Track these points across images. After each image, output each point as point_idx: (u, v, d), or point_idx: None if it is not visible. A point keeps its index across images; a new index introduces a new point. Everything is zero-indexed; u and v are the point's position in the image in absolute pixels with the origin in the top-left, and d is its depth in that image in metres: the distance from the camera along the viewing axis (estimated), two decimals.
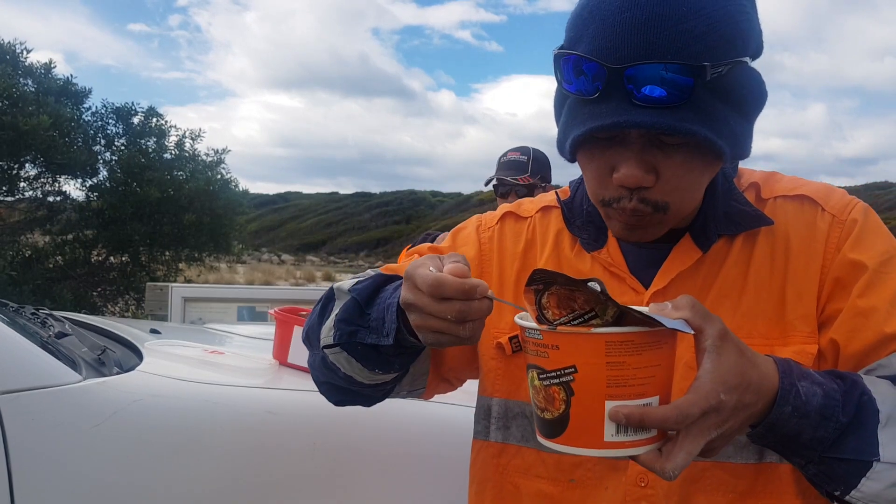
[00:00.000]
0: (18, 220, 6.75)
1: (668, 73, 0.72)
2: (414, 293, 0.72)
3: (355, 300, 0.85)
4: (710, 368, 0.67)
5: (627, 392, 0.65)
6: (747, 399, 0.69)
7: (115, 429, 1.34)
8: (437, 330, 0.71)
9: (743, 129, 0.79)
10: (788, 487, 0.84)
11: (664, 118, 0.73)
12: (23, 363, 1.35)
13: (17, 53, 6.15)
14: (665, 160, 0.77)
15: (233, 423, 1.45)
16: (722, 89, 0.75)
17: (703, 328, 0.68)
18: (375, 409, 1.65)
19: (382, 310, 0.81)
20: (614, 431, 0.66)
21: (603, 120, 0.75)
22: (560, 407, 0.67)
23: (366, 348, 0.83)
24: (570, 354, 0.66)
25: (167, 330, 2.26)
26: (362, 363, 0.85)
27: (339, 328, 0.85)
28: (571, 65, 0.77)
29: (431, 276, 0.70)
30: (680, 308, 0.68)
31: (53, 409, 1.31)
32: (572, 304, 0.68)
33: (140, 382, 1.47)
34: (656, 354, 0.66)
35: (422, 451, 1.58)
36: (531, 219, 0.99)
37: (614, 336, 0.65)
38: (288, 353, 1.80)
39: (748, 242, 0.87)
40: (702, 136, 0.73)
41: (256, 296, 3.81)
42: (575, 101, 0.79)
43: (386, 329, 0.80)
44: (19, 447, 1.26)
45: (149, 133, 6.73)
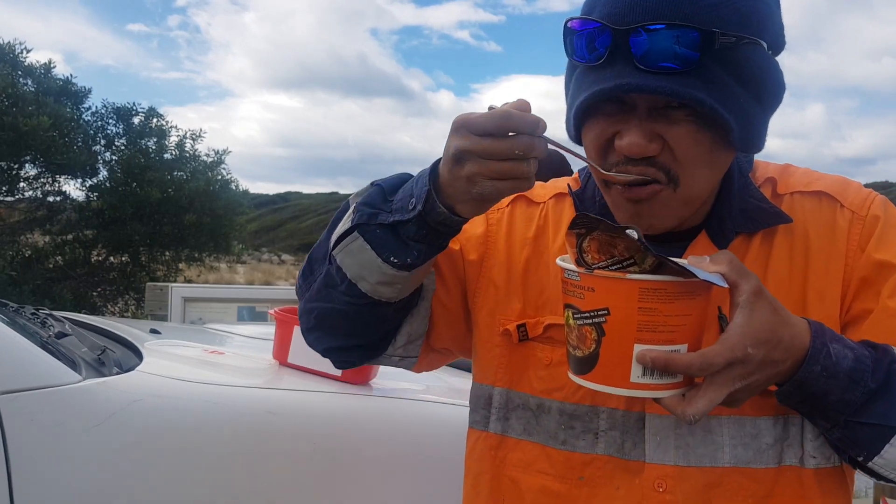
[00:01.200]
0: (18, 220, 6.75)
1: (675, 39, 0.71)
2: (469, 139, 0.70)
3: (380, 187, 0.82)
4: (741, 322, 0.68)
5: (657, 338, 0.68)
6: (776, 355, 0.69)
7: (114, 429, 1.34)
8: (498, 174, 0.70)
9: (755, 113, 0.77)
10: (809, 492, 0.82)
11: (669, 83, 0.72)
12: (23, 363, 1.34)
13: (16, 53, 6.15)
14: (670, 129, 0.75)
15: (233, 423, 1.45)
16: (733, 63, 0.73)
17: (739, 283, 0.69)
18: (375, 409, 1.65)
19: (410, 186, 0.78)
20: (640, 373, 0.68)
21: (604, 84, 0.73)
22: (591, 346, 0.70)
23: (385, 231, 0.79)
24: (604, 297, 0.68)
25: (167, 330, 2.26)
26: (378, 250, 0.79)
27: (359, 210, 0.81)
28: (578, 34, 0.77)
29: (498, 111, 0.69)
30: (717, 262, 0.69)
31: (53, 409, 1.31)
32: (612, 251, 0.70)
33: (140, 382, 1.47)
34: (688, 304, 0.68)
35: (421, 451, 1.58)
36: (544, 204, 0.95)
37: (648, 283, 0.67)
38: (288, 353, 1.80)
39: (766, 241, 0.85)
40: (707, 104, 0.72)
41: (256, 296, 3.80)
42: (581, 71, 0.78)
43: (413, 200, 0.76)
44: (19, 447, 1.26)
45: (149, 133, 6.73)
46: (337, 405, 1.61)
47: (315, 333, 0.93)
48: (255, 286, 10.15)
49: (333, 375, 1.73)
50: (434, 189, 0.75)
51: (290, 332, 1.80)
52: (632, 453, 0.83)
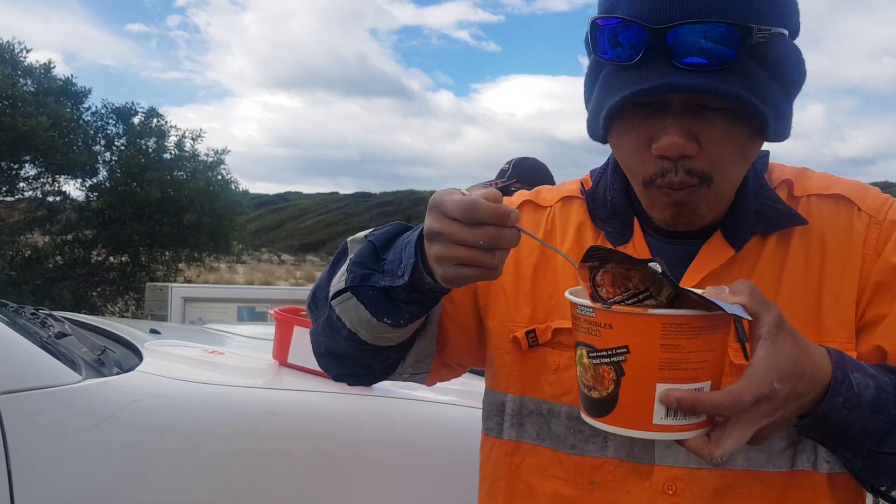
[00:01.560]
0: (18, 220, 6.75)
1: (711, 36, 0.70)
2: (441, 221, 0.69)
3: (372, 244, 0.82)
4: (765, 356, 0.65)
5: (680, 376, 0.64)
6: (800, 389, 0.67)
7: (114, 429, 1.34)
8: (463, 260, 0.69)
9: (784, 104, 0.76)
10: (821, 496, 0.81)
11: (708, 81, 0.70)
12: (22, 363, 1.34)
13: (16, 53, 6.14)
14: (706, 128, 0.74)
15: (233, 423, 1.45)
16: (765, 57, 0.72)
17: (760, 314, 0.66)
18: (375, 409, 1.65)
19: (400, 250, 0.78)
20: (664, 414, 0.65)
21: (643, 84, 0.71)
22: (609, 386, 0.66)
23: (377, 293, 0.80)
24: (623, 334, 0.65)
25: (167, 330, 2.26)
26: (371, 311, 0.81)
27: (352, 271, 0.81)
28: (608, 33, 0.74)
29: (465, 199, 0.67)
30: (738, 293, 0.67)
31: (53, 409, 1.31)
32: (627, 283, 0.67)
33: (140, 383, 1.47)
34: (711, 339, 0.65)
35: (421, 451, 1.58)
36: (551, 209, 0.94)
37: (671, 318, 0.64)
38: (288, 353, 1.80)
39: (782, 242, 0.84)
40: (748, 100, 0.71)
41: (256, 296, 3.81)
42: (611, 71, 0.76)
43: (402, 268, 0.76)
44: (19, 447, 1.26)
45: (149, 133, 6.73)
46: (337, 405, 1.61)
47: (325, 359, 0.95)
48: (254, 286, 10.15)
49: None
50: (421, 259, 0.75)
51: (289, 332, 1.80)
52: (642, 456, 0.82)
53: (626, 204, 0.88)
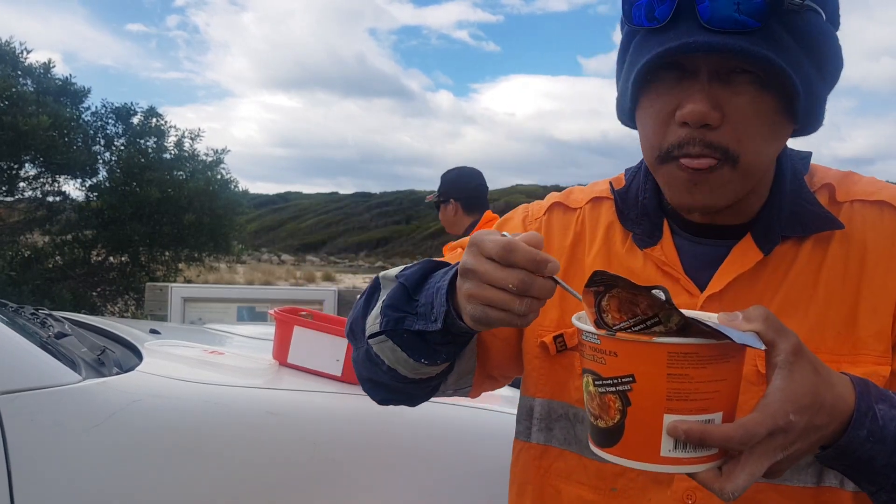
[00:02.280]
0: (18, 220, 6.75)
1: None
2: (476, 258, 0.68)
3: (403, 286, 0.81)
4: (781, 386, 0.62)
5: (689, 406, 0.61)
6: (819, 420, 0.64)
7: (114, 429, 1.34)
8: (490, 302, 0.68)
9: (817, 83, 0.75)
10: None
11: (737, 41, 0.69)
12: (22, 363, 1.34)
13: (16, 53, 6.14)
14: (733, 98, 0.73)
15: (233, 423, 1.45)
16: (797, 27, 0.72)
17: (776, 342, 0.63)
18: (375, 409, 1.64)
19: (431, 294, 0.77)
20: (672, 447, 0.62)
21: (670, 43, 0.71)
22: (615, 416, 0.64)
23: (412, 336, 0.79)
24: (628, 362, 0.62)
25: (167, 330, 2.26)
26: (408, 353, 0.81)
27: (385, 315, 0.81)
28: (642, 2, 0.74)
29: (503, 240, 0.66)
30: (752, 320, 0.63)
31: (53, 409, 1.31)
32: (634, 309, 0.64)
33: (140, 383, 1.47)
34: (722, 368, 0.62)
35: (421, 450, 1.57)
36: (580, 210, 0.93)
37: (678, 347, 0.61)
38: (288, 353, 1.80)
39: (819, 247, 0.81)
40: (777, 63, 0.70)
41: (256, 296, 3.80)
42: (642, 36, 0.76)
43: (434, 313, 0.76)
44: (19, 447, 1.26)
45: (148, 133, 6.73)
46: (337, 405, 1.61)
47: (368, 385, 0.94)
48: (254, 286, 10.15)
49: (333, 375, 1.73)
50: (452, 303, 0.74)
51: (289, 333, 1.80)
52: None
53: (656, 204, 0.86)
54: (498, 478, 1.59)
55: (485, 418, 1.69)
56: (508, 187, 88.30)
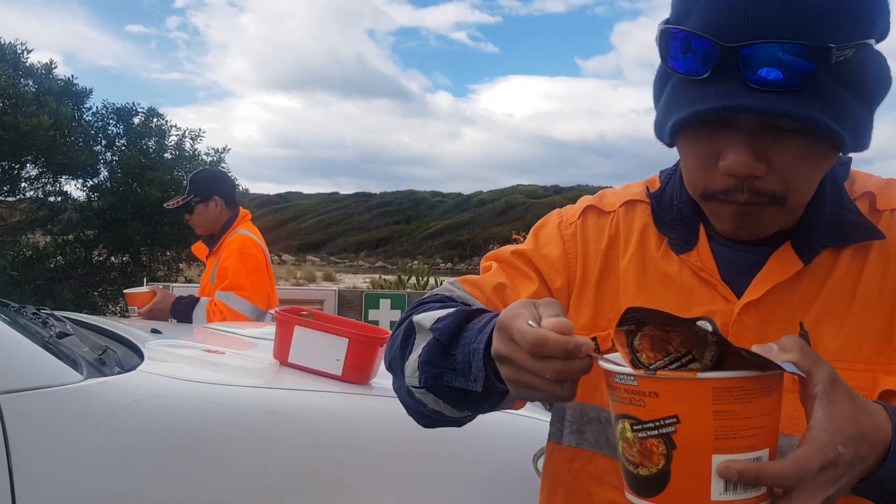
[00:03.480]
0: (19, 220, 6.75)
1: (787, 55, 0.65)
2: (509, 346, 0.67)
3: (438, 341, 0.79)
4: (825, 417, 0.60)
5: (737, 444, 0.58)
6: (863, 451, 0.62)
7: (116, 429, 1.34)
8: (531, 386, 0.66)
9: (864, 118, 0.72)
10: None
11: (781, 103, 0.66)
12: (24, 363, 1.35)
13: (18, 54, 6.15)
14: (778, 147, 0.70)
15: (234, 422, 1.46)
16: (845, 74, 0.68)
17: (813, 372, 0.61)
18: (375, 409, 1.65)
19: (468, 353, 0.76)
20: (722, 489, 0.59)
21: (712, 103, 0.68)
22: (659, 462, 0.60)
23: (454, 390, 0.78)
24: (671, 403, 0.59)
25: (168, 330, 2.26)
26: (451, 404, 0.80)
27: (423, 371, 0.80)
28: (680, 41, 0.70)
29: (532, 333, 0.64)
30: (787, 350, 0.62)
31: (55, 408, 1.31)
32: (667, 347, 0.62)
33: (141, 382, 1.47)
34: (766, 402, 0.60)
35: (422, 450, 1.58)
36: (614, 213, 0.91)
37: (723, 382, 0.58)
38: (288, 352, 1.80)
39: (858, 257, 0.79)
40: (822, 124, 0.67)
41: None
42: (680, 81, 0.73)
43: (473, 375, 0.75)
44: (21, 447, 1.26)
45: (149, 133, 6.73)
46: (337, 405, 1.61)
47: (410, 412, 0.92)
48: None
49: (334, 375, 1.74)
50: (491, 369, 0.73)
51: (290, 332, 1.80)
52: None
53: (692, 209, 0.84)
54: (498, 478, 1.59)
55: (486, 418, 1.69)
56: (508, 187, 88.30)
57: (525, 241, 0.97)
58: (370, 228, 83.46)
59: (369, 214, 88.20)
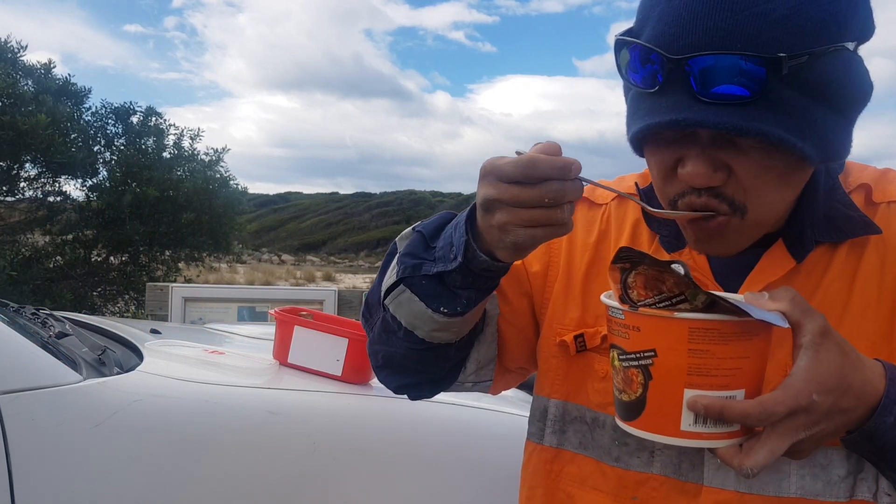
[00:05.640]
0: (19, 220, 6.75)
1: (734, 68, 0.63)
2: (497, 187, 0.65)
3: (420, 233, 0.79)
4: (806, 366, 0.61)
5: (710, 382, 0.62)
6: (845, 403, 0.62)
7: (115, 429, 1.34)
8: (529, 222, 0.65)
9: (836, 126, 0.69)
10: None
11: (730, 117, 0.64)
12: (23, 363, 1.35)
13: (15, 52, 6.15)
14: (740, 158, 0.68)
15: (233, 423, 1.45)
16: (807, 82, 0.65)
17: (802, 322, 0.62)
18: (376, 409, 1.65)
19: (450, 234, 0.75)
20: (692, 421, 0.63)
21: (661, 116, 0.67)
22: (637, 390, 0.65)
23: (431, 282, 0.76)
24: (650, 338, 0.63)
25: (167, 330, 2.26)
26: (427, 301, 0.76)
27: (402, 262, 0.78)
28: (636, 53, 0.69)
29: (523, 158, 0.64)
30: (778, 299, 0.63)
31: (54, 409, 1.31)
32: (660, 286, 0.64)
33: (140, 382, 1.47)
34: (744, 346, 0.62)
35: (421, 450, 1.58)
36: (606, 206, 0.89)
37: (698, 322, 0.61)
38: (288, 353, 1.80)
39: (854, 253, 0.77)
40: (776, 137, 0.64)
41: (257, 296, 3.81)
42: (637, 93, 0.72)
43: (454, 250, 0.73)
44: (20, 447, 1.26)
45: (148, 133, 6.73)
46: (337, 405, 1.61)
47: (384, 372, 0.91)
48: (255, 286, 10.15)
49: (333, 375, 1.74)
50: (472, 236, 0.72)
51: (290, 332, 1.80)
52: (689, 475, 0.78)
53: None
54: (498, 478, 1.59)
55: (486, 418, 1.69)
56: None
57: None
58: (370, 228, 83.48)
59: (369, 214, 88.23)
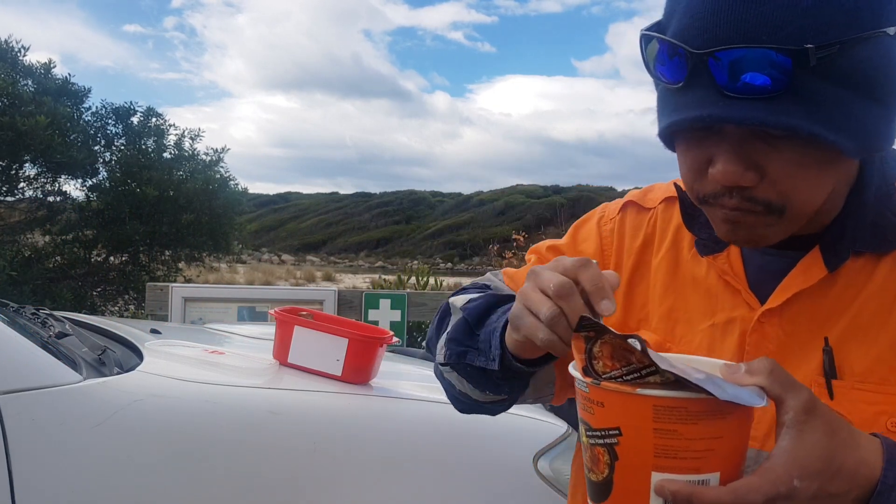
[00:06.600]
0: (18, 220, 6.75)
1: (760, 61, 0.60)
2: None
3: (465, 320, 0.81)
4: (787, 448, 0.56)
5: (679, 465, 0.57)
6: (834, 488, 0.57)
7: (115, 429, 1.34)
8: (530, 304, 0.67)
9: (878, 116, 0.64)
10: None
11: (757, 112, 0.61)
12: (23, 363, 1.35)
13: (15, 53, 6.15)
14: (772, 155, 0.64)
15: (233, 422, 1.45)
16: (841, 72, 0.61)
17: (784, 398, 0.57)
18: (376, 409, 1.65)
19: (490, 332, 0.77)
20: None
21: (686, 113, 0.64)
22: (604, 470, 0.60)
23: (475, 370, 0.79)
24: (614, 414, 0.58)
25: (167, 330, 2.26)
26: (472, 384, 0.81)
27: (449, 347, 0.82)
28: (665, 45, 0.66)
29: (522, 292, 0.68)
30: (755, 373, 0.58)
31: (54, 409, 1.31)
32: (629, 357, 0.59)
33: (140, 382, 1.47)
34: (717, 425, 0.56)
35: (421, 450, 1.58)
36: (653, 210, 0.87)
37: (663, 400, 0.56)
38: (288, 353, 1.80)
39: None
40: (806, 131, 0.61)
41: (257, 296, 3.81)
42: (664, 88, 0.68)
43: (492, 353, 0.76)
44: (20, 447, 1.26)
45: (148, 133, 6.73)
46: (337, 405, 1.61)
47: (448, 396, 0.94)
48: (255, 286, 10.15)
49: (334, 375, 1.74)
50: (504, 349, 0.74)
51: (290, 332, 1.80)
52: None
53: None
54: (498, 478, 1.59)
55: (486, 418, 1.69)
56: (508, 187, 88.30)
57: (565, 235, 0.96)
58: (370, 228, 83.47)
59: (369, 214, 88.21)
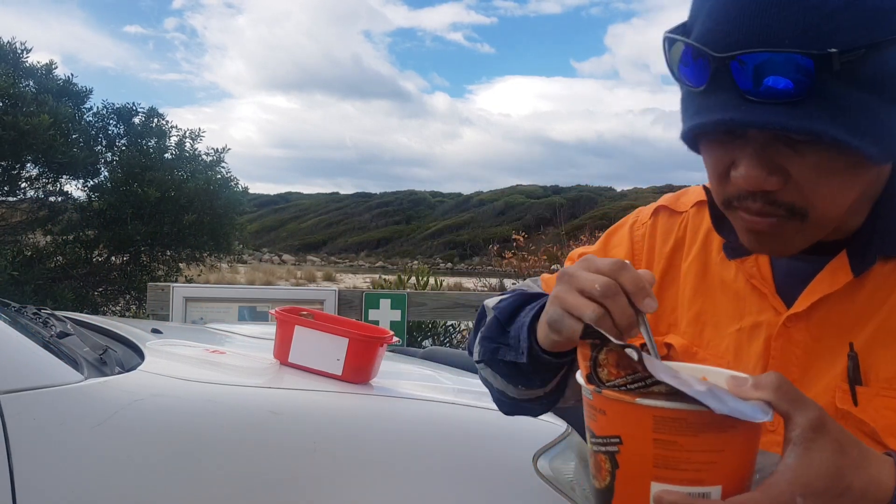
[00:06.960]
0: (20, 220, 6.76)
1: (783, 66, 0.60)
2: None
3: (497, 318, 0.84)
4: (792, 465, 0.55)
5: (679, 476, 0.56)
6: None
7: (116, 428, 1.34)
8: (571, 303, 0.68)
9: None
10: None
11: (779, 116, 0.60)
12: (25, 363, 1.35)
13: (17, 54, 6.15)
14: (796, 159, 0.64)
15: (234, 422, 1.46)
16: (867, 76, 0.60)
17: (792, 415, 0.56)
18: (375, 409, 1.65)
19: (518, 328, 0.80)
20: None
21: (708, 116, 0.64)
22: (606, 478, 0.60)
23: (507, 365, 0.82)
24: (615, 423, 0.59)
25: (168, 330, 2.26)
26: (506, 379, 0.84)
27: (482, 345, 0.85)
28: (689, 48, 0.65)
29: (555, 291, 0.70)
30: (761, 387, 0.57)
31: (55, 408, 1.31)
32: (634, 365, 0.59)
33: (142, 382, 1.47)
34: (720, 438, 0.56)
35: (422, 450, 1.58)
36: (685, 214, 0.87)
37: (663, 412, 0.56)
38: (289, 352, 1.80)
39: None
40: (829, 136, 0.60)
41: (257, 296, 3.81)
42: (687, 91, 0.68)
43: (522, 345, 0.79)
44: (21, 446, 1.26)
45: (149, 133, 6.74)
46: (338, 404, 1.61)
47: (493, 396, 0.96)
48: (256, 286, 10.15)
49: (334, 375, 1.74)
50: (534, 341, 0.77)
51: (290, 332, 1.80)
52: None
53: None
54: (498, 478, 1.59)
55: (486, 418, 1.69)
56: (508, 187, 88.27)
57: (595, 242, 0.98)
58: (370, 228, 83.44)
59: (369, 214, 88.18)
